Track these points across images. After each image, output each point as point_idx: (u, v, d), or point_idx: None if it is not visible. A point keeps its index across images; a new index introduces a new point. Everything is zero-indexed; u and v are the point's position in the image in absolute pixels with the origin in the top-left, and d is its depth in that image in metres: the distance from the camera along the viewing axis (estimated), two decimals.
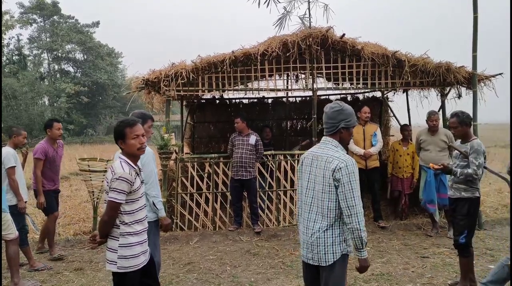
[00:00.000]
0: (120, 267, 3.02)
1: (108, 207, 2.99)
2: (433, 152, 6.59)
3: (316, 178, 2.95)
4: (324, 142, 3.05)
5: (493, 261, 5.49)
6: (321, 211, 2.91)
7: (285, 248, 6.28)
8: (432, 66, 6.98)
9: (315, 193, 2.95)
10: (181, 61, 7.04)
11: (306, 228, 3.00)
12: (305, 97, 10.58)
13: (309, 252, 2.97)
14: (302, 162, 3.14)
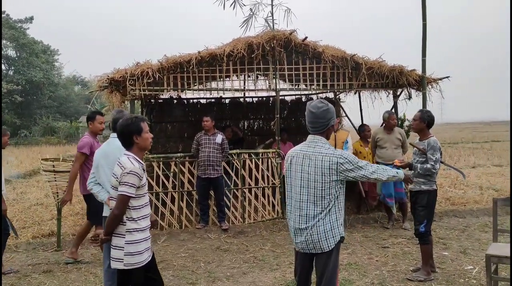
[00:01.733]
0: (126, 264, 3.10)
1: (119, 201, 3.07)
2: (389, 149, 7.03)
3: (309, 175, 3.10)
4: (313, 141, 3.20)
5: (446, 248, 6.00)
6: (319, 201, 3.09)
7: (254, 243, 6.47)
8: (386, 69, 7.45)
9: (310, 188, 3.10)
10: (146, 60, 7.03)
11: (303, 219, 3.13)
12: (261, 98, 10.85)
13: (310, 242, 3.11)
14: (291, 160, 3.25)
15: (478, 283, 4.70)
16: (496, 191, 9.89)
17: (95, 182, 4.20)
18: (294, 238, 3.22)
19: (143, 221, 3.19)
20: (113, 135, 4.19)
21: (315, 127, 3.19)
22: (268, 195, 7.58)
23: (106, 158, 4.10)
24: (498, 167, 14.68)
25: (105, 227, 3.17)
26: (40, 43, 46.03)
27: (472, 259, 5.51)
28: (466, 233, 6.76)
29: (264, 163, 7.60)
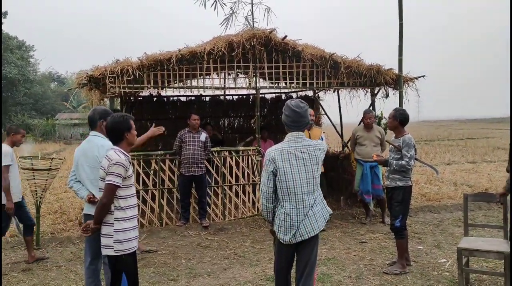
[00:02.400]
0: (116, 251, 3.31)
1: (107, 190, 3.29)
2: (368, 147, 7.17)
3: (308, 167, 3.31)
4: (298, 137, 3.36)
5: (421, 242, 6.19)
6: (316, 188, 3.39)
7: (234, 240, 6.55)
8: (364, 68, 7.60)
9: (314, 178, 3.34)
10: (125, 58, 7.01)
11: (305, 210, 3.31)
12: (242, 96, 10.92)
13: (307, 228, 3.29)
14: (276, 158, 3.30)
15: (450, 275, 4.87)
16: (469, 187, 10.18)
17: (75, 180, 4.21)
18: (290, 230, 3.30)
19: (130, 210, 3.39)
20: (93, 134, 4.21)
21: (299, 125, 3.35)
22: (248, 192, 7.66)
23: (85, 155, 4.12)
24: (472, 163, 15.08)
25: (95, 216, 3.35)
26: (15, 39, 45.06)
27: (446, 252, 5.70)
28: (440, 227, 6.97)
29: (245, 161, 7.67)
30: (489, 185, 10.26)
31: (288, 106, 3.38)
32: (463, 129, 44.52)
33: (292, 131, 3.38)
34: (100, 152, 4.02)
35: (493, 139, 27.55)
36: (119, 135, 3.47)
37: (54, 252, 6.17)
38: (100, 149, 4.06)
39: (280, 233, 3.34)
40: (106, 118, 4.19)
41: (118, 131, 3.46)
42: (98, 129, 4.21)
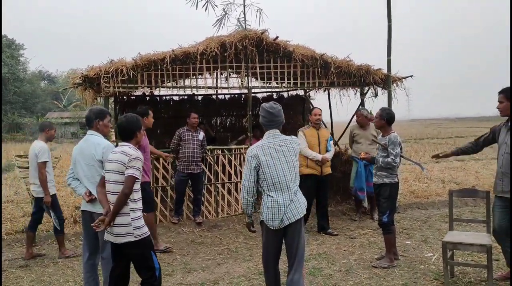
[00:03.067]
0: (137, 236, 3.62)
1: (129, 182, 3.58)
2: (363, 145, 7.33)
3: (288, 158, 3.75)
4: (274, 134, 3.80)
5: (409, 238, 6.38)
6: (297, 176, 3.83)
7: (227, 236, 6.70)
8: (354, 68, 7.77)
9: (294, 168, 3.78)
10: (120, 58, 7.12)
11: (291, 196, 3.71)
12: (233, 95, 11.06)
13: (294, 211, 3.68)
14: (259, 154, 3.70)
15: (436, 269, 5.06)
16: (457, 184, 10.42)
17: (74, 177, 4.33)
18: (278, 215, 3.65)
19: (139, 202, 3.74)
20: (90, 133, 4.33)
21: (273, 124, 3.79)
22: (240, 189, 7.78)
23: (82, 154, 4.24)
24: (460, 161, 15.34)
25: (115, 207, 3.57)
26: (4, 37, 44.79)
27: (432, 247, 5.89)
28: (428, 223, 7.17)
29: (237, 159, 7.82)
30: (476, 182, 10.51)
31: (263, 108, 3.80)
32: (452, 128, 45.00)
33: (269, 129, 3.80)
34: (97, 150, 4.16)
35: None
36: (130, 134, 3.80)
37: (50, 248, 6.28)
38: (96, 147, 4.19)
39: (269, 220, 3.68)
40: (102, 117, 4.36)
41: (130, 130, 3.79)
42: (95, 128, 4.34)
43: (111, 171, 3.67)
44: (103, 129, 4.38)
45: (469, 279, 4.72)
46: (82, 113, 53.32)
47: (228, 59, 7.47)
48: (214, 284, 4.81)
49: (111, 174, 3.67)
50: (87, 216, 4.28)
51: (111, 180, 3.67)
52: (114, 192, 3.64)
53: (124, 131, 3.80)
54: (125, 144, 3.76)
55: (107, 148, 4.17)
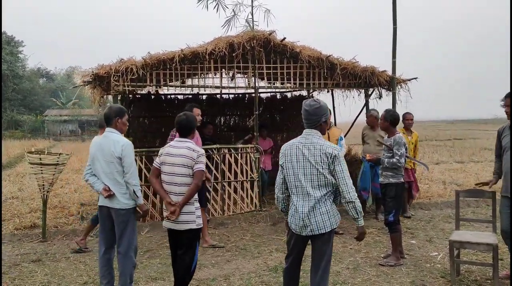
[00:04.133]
0: (198, 224, 4.10)
1: (200, 175, 4.07)
2: (371, 145, 7.44)
3: (310, 163, 3.43)
4: (310, 134, 3.52)
5: (414, 237, 6.50)
6: (320, 187, 3.43)
7: (234, 234, 6.81)
8: (359, 70, 7.88)
9: (313, 174, 3.42)
10: (129, 57, 7.21)
11: (309, 203, 3.42)
12: (237, 95, 11.17)
13: (308, 224, 3.42)
14: (285, 152, 3.57)
15: (442, 267, 5.17)
16: (458, 185, 10.54)
17: (91, 174, 4.42)
18: (296, 221, 3.48)
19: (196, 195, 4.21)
20: (108, 130, 4.41)
21: (309, 123, 3.53)
22: (246, 188, 7.90)
23: (101, 150, 4.33)
24: (459, 163, 15.48)
25: (187, 197, 4.02)
26: (4, 34, 44.69)
27: (437, 246, 6.01)
28: (431, 223, 7.28)
29: (243, 158, 7.92)
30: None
31: (303, 105, 3.58)
32: (450, 130, 45.18)
33: (306, 128, 3.57)
34: (116, 147, 4.25)
35: (480, 140, 28.16)
36: (190, 130, 4.25)
37: (60, 244, 6.37)
38: (115, 145, 4.28)
39: (291, 223, 3.55)
40: (121, 115, 4.45)
41: (190, 127, 4.26)
42: (114, 126, 4.42)
43: (177, 164, 4.06)
44: (121, 127, 4.47)
45: (475, 278, 4.83)
46: (81, 111, 53.46)
47: (235, 60, 7.58)
48: (225, 279, 4.91)
49: (176, 167, 4.06)
50: (104, 211, 4.37)
51: (176, 173, 4.05)
52: (181, 184, 4.05)
53: (185, 128, 4.22)
54: (187, 140, 4.18)
55: (126, 145, 4.27)
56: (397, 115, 5.66)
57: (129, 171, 4.29)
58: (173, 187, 4.07)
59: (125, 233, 4.33)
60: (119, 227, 4.33)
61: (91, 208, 8.63)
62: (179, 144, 4.15)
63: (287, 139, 11.25)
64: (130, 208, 4.34)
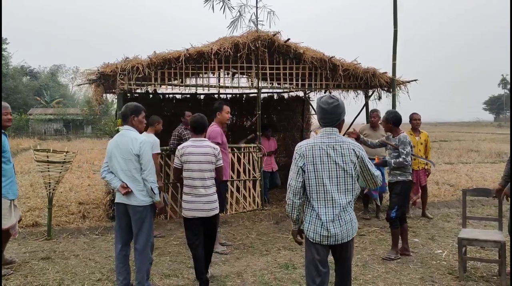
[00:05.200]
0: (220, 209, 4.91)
1: (222, 169, 4.80)
2: None
3: (336, 165, 3.15)
4: (331, 132, 3.22)
5: (416, 235, 6.63)
6: (347, 190, 3.17)
7: (240, 232, 6.87)
8: (361, 71, 8.02)
9: (340, 177, 3.15)
10: (134, 56, 7.21)
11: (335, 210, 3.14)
12: (235, 95, 11.23)
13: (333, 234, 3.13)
14: (305, 153, 3.21)
15: (448, 264, 5.31)
16: (451, 186, 10.76)
17: (108, 171, 4.45)
18: (317, 230, 3.17)
19: None
20: (125, 128, 4.45)
21: (327, 121, 3.25)
22: (249, 187, 7.97)
23: (119, 148, 4.35)
24: (449, 164, 15.79)
25: None
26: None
27: (440, 244, 6.16)
28: (431, 222, 7.44)
29: (246, 157, 7.98)
30: (469, 184, 10.87)
31: (317, 102, 3.33)
32: (435, 132, 45.88)
33: (324, 127, 3.27)
34: (134, 145, 4.29)
35: (465, 142, 28.66)
36: (203, 128, 4.79)
37: (66, 242, 6.34)
38: (133, 142, 4.32)
39: (309, 231, 3.21)
40: (138, 113, 4.49)
41: (204, 126, 4.79)
42: (130, 123, 4.46)
43: (204, 162, 4.58)
44: (138, 125, 4.50)
45: (481, 274, 4.97)
46: (66, 110, 52.82)
47: (239, 60, 7.64)
48: (238, 276, 4.97)
49: (203, 164, 4.58)
50: (121, 208, 4.39)
51: (204, 169, 4.58)
52: (209, 178, 4.62)
53: (199, 127, 4.74)
54: (202, 138, 4.72)
55: (143, 143, 4.31)
56: (399, 116, 5.79)
57: (147, 168, 4.33)
58: (203, 181, 4.57)
59: (142, 230, 4.37)
60: (136, 224, 4.36)
61: (89, 206, 8.60)
62: (199, 142, 4.65)
63: (283, 140, 11.46)
64: (147, 205, 4.37)
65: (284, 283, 4.75)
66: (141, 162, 4.32)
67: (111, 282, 4.79)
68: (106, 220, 7.32)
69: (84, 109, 51.81)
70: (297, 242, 3.47)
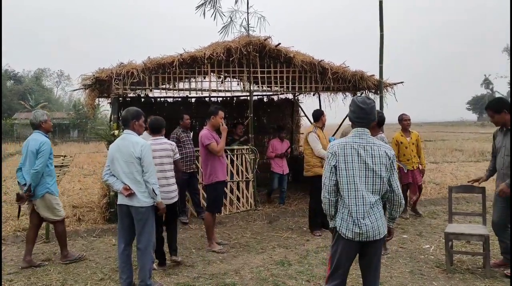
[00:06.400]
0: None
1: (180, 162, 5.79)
2: None
3: (366, 165, 3.24)
4: (363, 133, 3.33)
5: (405, 232, 6.89)
6: (377, 189, 3.27)
7: (234, 232, 7.06)
8: (349, 74, 8.28)
9: (369, 174, 3.24)
10: (129, 61, 7.37)
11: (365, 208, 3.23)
12: (226, 98, 11.42)
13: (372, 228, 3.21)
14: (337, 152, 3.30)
15: (435, 258, 5.57)
16: (437, 184, 11.09)
17: (110, 174, 4.61)
18: (350, 226, 3.26)
19: None
20: (127, 132, 4.62)
21: (363, 122, 3.35)
22: (242, 188, 8.16)
23: (120, 152, 4.53)
24: (434, 164, 16.18)
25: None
26: None
27: (428, 240, 6.42)
28: (418, 219, 7.72)
29: (239, 159, 8.18)
30: (454, 182, 11.21)
31: (354, 102, 3.38)
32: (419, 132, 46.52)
33: (357, 127, 3.37)
34: (135, 148, 4.47)
35: (449, 142, 29.19)
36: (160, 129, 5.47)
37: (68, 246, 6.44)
38: (135, 146, 4.49)
39: (342, 228, 3.30)
40: (138, 118, 4.68)
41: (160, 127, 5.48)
42: (131, 128, 4.63)
43: (164, 156, 5.27)
44: (138, 129, 4.68)
45: (466, 267, 5.24)
46: (52, 114, 52.35)
47: (231, 64, 7.84)
48: (236, 273, 5.15)
49: (163, 158, 5.25)
50: (123, 209, 4.56)
51: (165, 163, 5.26)
52: (169, 170, 5.31)
53: (157, 127, 5.45)
54: (160, 137, 5.41)
55: (145, 146, 4.49)
56: (384, 117, 6.08)
57: (149, 170, 4.51)
58: (164, 173, 5.25)
59: (145, 230, 4.54)
60: (139, 224, 4.53)
61: (83, 210, 8.69)
62: (158, 140, 5.37)
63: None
64: (149, 206, 4.55)
65: (281, 278, 4.95)
66: (143, 165, 4.49)
67: (113, 281, 4.94)
68: (103, 222, 7.42)
69: (70, 113, 51.50)
70: None
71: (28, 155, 5.41)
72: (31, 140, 5.47)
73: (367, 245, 3.30)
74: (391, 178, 3.30)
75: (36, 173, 5.29)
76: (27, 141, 5.54)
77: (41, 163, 5.32)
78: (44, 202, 5.46)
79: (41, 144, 5.39)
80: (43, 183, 5.42)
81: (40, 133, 5.56)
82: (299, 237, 6.73)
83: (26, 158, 5.45)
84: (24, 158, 5.50)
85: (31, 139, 5.51)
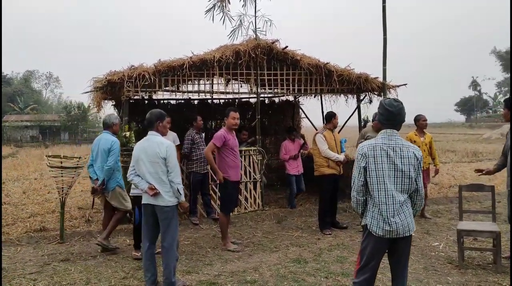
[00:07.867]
0: None
1: None
2: None
3: (395, 165, 3.35)
4: (392, 134, 3.45)
5: None
6: (405, 189, 3.38)
7: (246, 231, 7.18)
8: (354, 77, 8.46)
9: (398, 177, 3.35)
10: (139, 64, 7.47)
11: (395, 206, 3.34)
12: (228, 100, 11.55)
13: (394, 228, 3.33)
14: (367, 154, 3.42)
15: (446, 255, 5.76)
16: (435, 184, 11.31)
17: (135, 174, 4.72)
18: (380, 224, 3.37)
19: None
20: (152, 133, 4.75)
21: (392, 123, 3.45)
22: (250, 189, 8.29)
23: (145, 152, 4.64)
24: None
25: None
26: None
27: (436, 238, 6.61)
28: (423, 218, 7.91)
29: (246, 160, 8.30)
30: (453, 182, 11.46)
31: (382, 105, 3.50)
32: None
33: (386, 128, 3.48)
34: (161, 148, 4.59)
35: (440, 143, 29.60)
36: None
37: (80, 245, 6.52)
38: (160, 146, 4.61)
39: (372, 226, 3.41)
40: (162, 119, 4.80)
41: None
42: (155, 129, 4.76)
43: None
44: (162, 130, 4.80)
45: (477, 263, 5.43)
46: (43, 116, 52.02)
47: (239, 67, 7.97)
48: (255, 271, 5.28)
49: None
50: (148, 209, 4.67)
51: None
52: None
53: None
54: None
55: (169, 146, 4.62)
56: None
57: (174, 170, 4.63)
58: None
59: (169, 229, 4.64)
60: (164, 223, 4.64)
61: (90, 211, 8.74)
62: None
63: (275, 143, 11.80)
64: (173, 205, 4.66)
65: (300, 275, 5.09)
66: (168, 165, 4.61)
67: (136, 279, 5.03)
68: None
69: (61, 115, 51.18)
70: None
71: (100, 153, 6.06)
72: (102, 140, 6.11)
73: (397, 241, 3.41)
74: (417, 178, 3.41)
75: (109, 168, 5.98)
76: (98, 140, 6.21)
77: (113, 159, 6.01)
78: (114, 194, 6.14)
79: (113, 143, 6.05)
80: (114, 178, 6.10)
81: (109, 134, 6.19)
82: (310, 236, 6.88)
83: (98, 155, 6.09)
84: (95, 155, 6.12)
85: (102, 138, 6.15)
